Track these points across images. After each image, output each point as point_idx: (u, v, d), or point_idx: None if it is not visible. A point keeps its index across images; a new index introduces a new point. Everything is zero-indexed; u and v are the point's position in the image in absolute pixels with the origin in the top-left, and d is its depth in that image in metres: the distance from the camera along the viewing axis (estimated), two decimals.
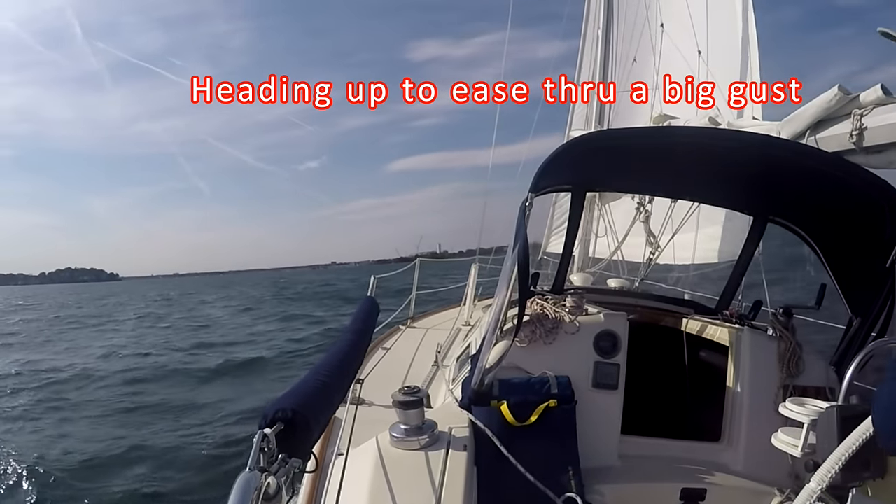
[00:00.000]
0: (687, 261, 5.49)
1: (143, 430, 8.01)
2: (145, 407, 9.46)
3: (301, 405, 1.23)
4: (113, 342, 18.49)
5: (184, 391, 10.58)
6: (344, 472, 1.74)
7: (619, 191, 4.39)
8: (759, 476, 2.34)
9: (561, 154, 2.39)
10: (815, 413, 1.77)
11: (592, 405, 2.38)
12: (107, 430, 8.12)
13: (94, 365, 13.78)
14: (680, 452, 2.50)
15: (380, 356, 4.58)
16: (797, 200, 2.81)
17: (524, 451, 1.89)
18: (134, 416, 8.90)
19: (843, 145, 2.31)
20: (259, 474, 0.98)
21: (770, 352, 2.55)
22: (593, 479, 2.18)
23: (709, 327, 2.89)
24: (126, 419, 8.75)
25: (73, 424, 8.57)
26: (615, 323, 2.57)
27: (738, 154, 2.41)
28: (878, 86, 2.22)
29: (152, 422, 8.47)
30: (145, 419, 8.66)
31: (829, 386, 2.44)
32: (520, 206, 2.28)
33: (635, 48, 6.65)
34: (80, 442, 7.57)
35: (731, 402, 2.57)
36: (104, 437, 7.77)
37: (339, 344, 1.83)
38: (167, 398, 10.00)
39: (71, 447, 7.31)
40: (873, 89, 2.23)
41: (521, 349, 2.44)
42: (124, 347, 16.88)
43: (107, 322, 27.61)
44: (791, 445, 1.87)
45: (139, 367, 13.18)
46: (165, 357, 14.62)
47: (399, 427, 1.85)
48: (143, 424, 8.34)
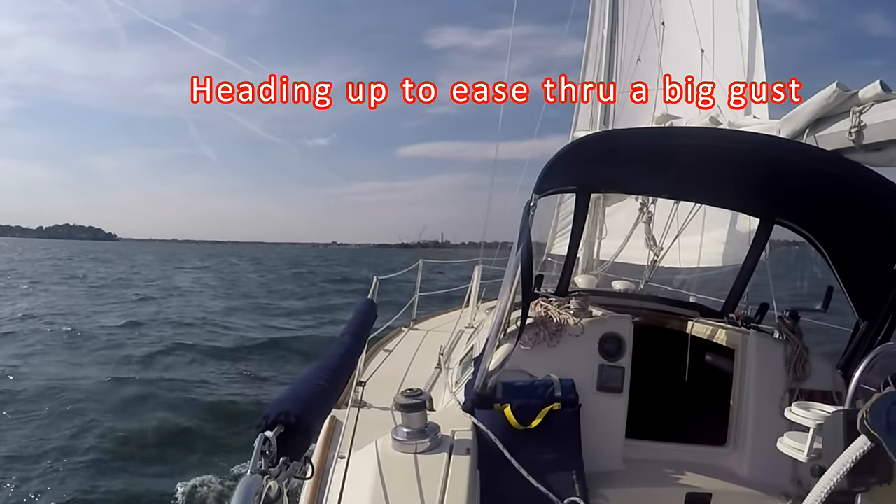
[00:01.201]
0: (692, 264, 5.47)
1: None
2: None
3: (302, 408, 1.22)
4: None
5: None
6: (345, 475, 1.73)
7: (623, 192, 4.37)
8: (765, 481, 2.32)
9: (565, 155, 2.37)
10: (821, 417, 1.75)
11: (596, 409, 2.36)
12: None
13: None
14: (685, 457, 2.47)
15: (382, 358, 4.56)
16: (803, 202, 2.79)
17: (527, 455, 1.88)
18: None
19: (843, 143, 2.29)
20: (260, 478, 0.98)
21: (776, 355, 2.52)
22: (597, 483, 2.16)
23: (714, 330, 2.87)
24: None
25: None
26: (620, 325, 2.55)
27: (743, 155, 2.39)
28: (876, 82, 2.19)
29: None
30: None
31: (835, 390, 2.41)
32: (524, 207, 2.27)
33: (640, 47, 6.63)
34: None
35: (736, 406, 2.54)
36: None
37: (337, 346, 1.83)
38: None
39: None
40: (872, 86, 2.20)
41: (525, 352, 2.43)
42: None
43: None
44: (797, 450, 1.84)
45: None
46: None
47: (401, 430, 1.84)
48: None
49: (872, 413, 1.32)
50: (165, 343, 12.07)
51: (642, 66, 6.63)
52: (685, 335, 3.06)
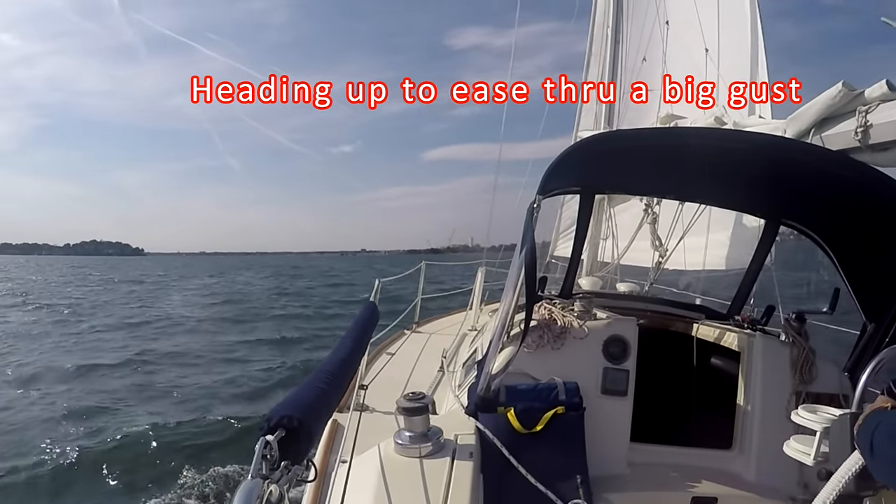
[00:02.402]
0: (697, 266, 5.43)
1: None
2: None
3: (304, 412, 1.22)
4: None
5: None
6: (347, 480, 1.72)
7: (628, 193, 4.35)
8: (771, 485, 2.30)
9: (569, 156, 2.36)
10: (828, 420, 1.74)
11: (601, 412, 2.35)
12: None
13: None
14: (690, 460, 2.46)
15: (384, 361, 4.54)
16: (810, 203, 2.77)
17: (531, 458, 1.87)
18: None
19: (849, 143, 2.26)
20: (261, 482, 0.97)
21: (782, 358, 2.51)
22: (602, 487, 2.15)
23: (720, 332, 2.85)
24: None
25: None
26: (624, 328, 2.54)
27: (748, 156, 2.38)
28: (882, 81, 2.17)
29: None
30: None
31: (842, 393, 2.40)
32: (527, 208, 2.27)
33: (645, 47, 6.60)
34: None
35: (742, 409, 2.53)
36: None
37: (338, 350, 1.82)
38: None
39: None
40: (878, 85, 2.18)
41: (529, 355, 2.42)
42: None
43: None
44: (803, 453, 1.83)
45: None
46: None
47: (403, 434, 1.82)
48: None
49: (860, 432, 1.31)
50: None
51: (647, 67, 6.60)
52: (691, 338, 3.04)
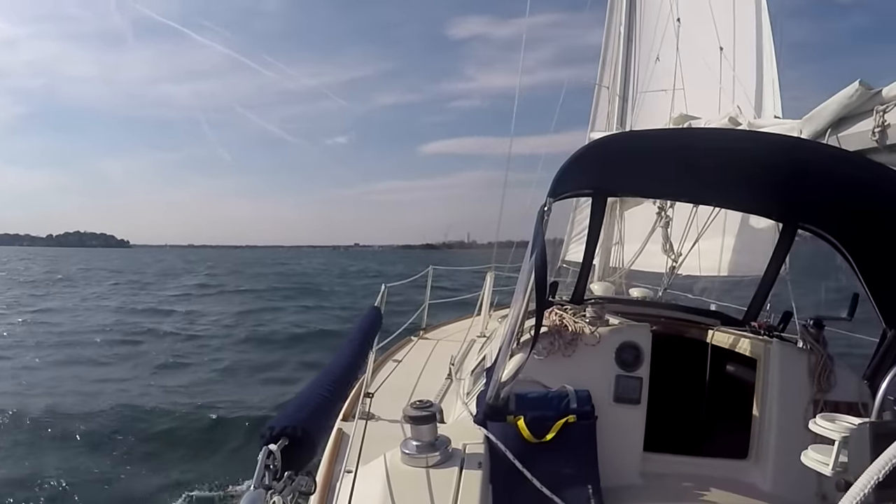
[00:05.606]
0: (712, 271, 5.36)
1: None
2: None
3: (307, 421, 1.21)
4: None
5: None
6: (352, 490, 1.71)
7: (641, 195, 4.30)
8: (788, 496, 2.25)
9: (581, 157, 2.31)
10: (846, 430, 1.70)
11: (613, 421, 2.31)
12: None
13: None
14: (705, 470, 2.41)
15: (390, 368, 4.49)
16: (827, 206, 2.71)
17: (542, 468, 1.84)
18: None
19: (866, 143, 2.22)
20: (264, 493, 0.96)
21: (800, 365, 2.45)
22: (614, 498, 2.11)
23: (736, 339, 2.80)
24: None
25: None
26: (638, 334, 2.50)
27: (763, 157, 2.33)
28: None
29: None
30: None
31: (861, 401, 2.34)
32: (538, 211, 2.23)
33: (658, 46, 6.52)
34: None
35: (758, 418, 2.48)
36: None
37: (341, 356, 1.80)
38: None
39: None
40: None
41: (539, 362, 2.39)
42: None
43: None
44: (822, 463, 1.79)
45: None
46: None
47: (410, 443, 1.80)
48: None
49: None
50: None
51: (661, 65, 6.52)
52: (705, 344, 2.99)
